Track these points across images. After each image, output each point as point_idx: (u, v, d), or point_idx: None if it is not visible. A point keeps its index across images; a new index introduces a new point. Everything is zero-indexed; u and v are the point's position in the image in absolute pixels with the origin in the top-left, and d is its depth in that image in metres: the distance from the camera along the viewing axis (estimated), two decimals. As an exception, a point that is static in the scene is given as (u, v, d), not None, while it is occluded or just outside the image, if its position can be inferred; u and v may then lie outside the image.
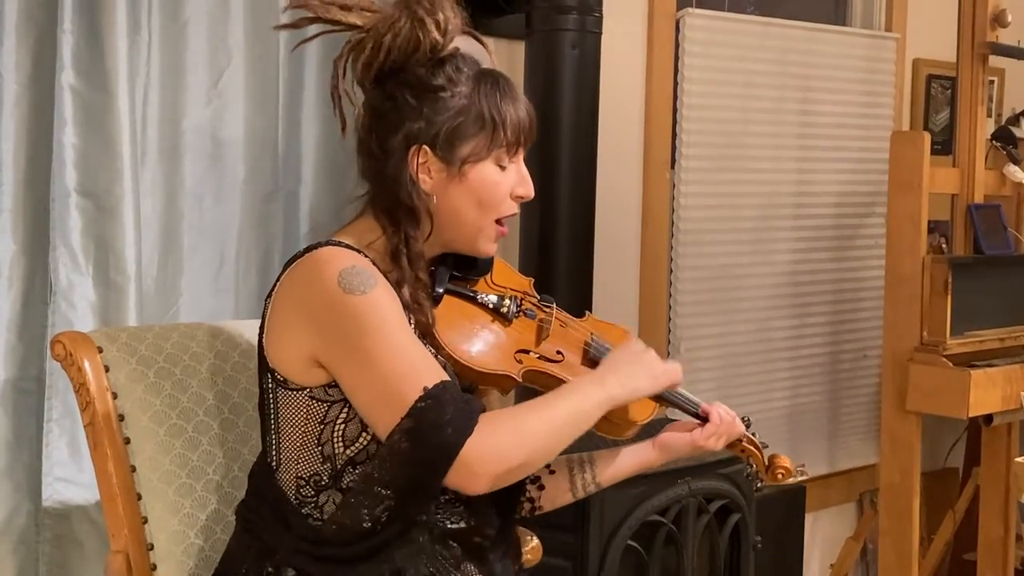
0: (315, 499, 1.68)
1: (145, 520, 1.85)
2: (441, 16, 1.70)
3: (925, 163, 3.23)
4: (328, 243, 1.69)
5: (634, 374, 1.75)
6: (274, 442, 1.71)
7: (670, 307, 3.42)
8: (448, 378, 1.62)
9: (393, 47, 1.70)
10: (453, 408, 1.58)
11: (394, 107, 1.71)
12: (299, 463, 1.68)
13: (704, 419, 1.87)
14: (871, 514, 3.79)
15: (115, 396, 1.88)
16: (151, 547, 1.85)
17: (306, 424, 1.67)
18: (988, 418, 3.33)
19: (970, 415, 3.24)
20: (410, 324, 1.68)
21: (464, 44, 1.77)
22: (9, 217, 2.27)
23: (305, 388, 1.66)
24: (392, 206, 1.72)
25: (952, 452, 4.01)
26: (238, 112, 2.54)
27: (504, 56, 3.03)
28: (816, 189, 3.78)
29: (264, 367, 1.70)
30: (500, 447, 1.60)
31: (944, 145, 3.95)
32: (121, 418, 1.87)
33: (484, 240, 1.77)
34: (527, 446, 1.63)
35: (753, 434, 1.94)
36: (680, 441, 1.87)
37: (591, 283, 2.85)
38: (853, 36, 3.90)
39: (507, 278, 1.87)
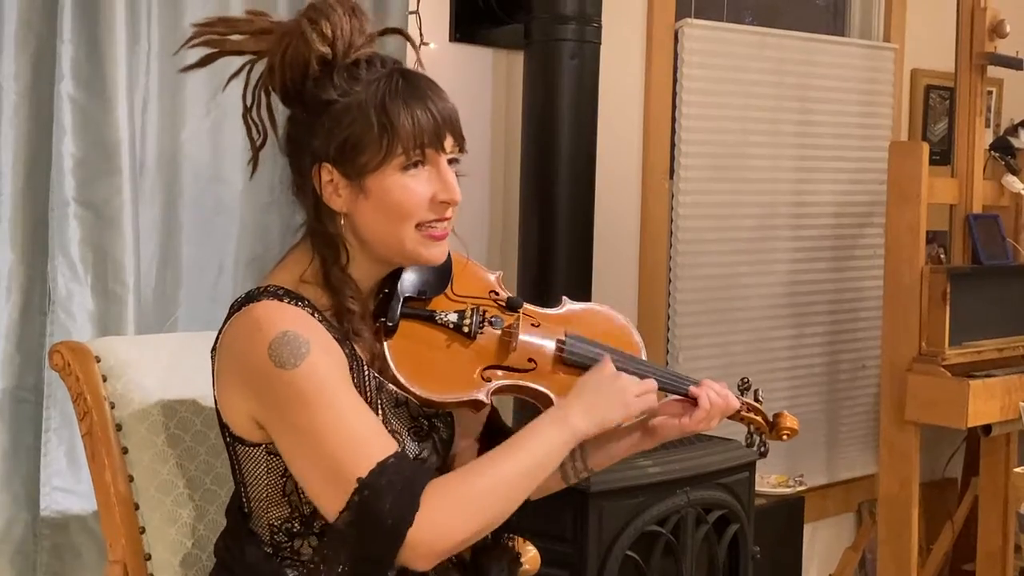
0: (290, 544, 1.64)
1: (143, 530, 1.85)
2: (326, 25, 1.60)
3: (924, 173, 3.23)
4: (264, 292, 1.60)
5: (602, 404, 1.65)
6: (243, 492, 1.67)
7: (669, 317, 3.42)
8: (392, 449, 1.54)
9: (284, 67, 1.62)
10: (393, 495, 1.49)
11: (297, 128, 1.64)
12: (269, 511, 1.64)
13: (695, 400, 1.76)
14: (870, 524, 3.78)
15: (113, 406, 1.87)
16: (148, 557, 1.85)
17: (268, 477, 1.62)
18: (987, 428, 3.33)
19: (969, 425, 3.24)
20: (360, 363, 1.61)
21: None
22: (8, 227, 2.26)
23: (260, 444, 1.61)
24: (311, 230, 1.65)
25: (951, 462, 4.01)
26: (237, 122, 2.50)
27: (503, 66, 3.03)
28: (815, 199, 3.78)
29: (220, 421, 1.65)
30: (447, 525, 1.53)
31: (942, 155, 3.95)
32: (119, 428, 1.87)
33: (416, 249, 1.62)
34: (480, 513, 1.56)
35: (756, 392, 1.85)
36: (670, 425, 1.77)
37: (590, 293, 2.86)
38: (851, 46, 3.91)
39: (470, 284, 1.74)
